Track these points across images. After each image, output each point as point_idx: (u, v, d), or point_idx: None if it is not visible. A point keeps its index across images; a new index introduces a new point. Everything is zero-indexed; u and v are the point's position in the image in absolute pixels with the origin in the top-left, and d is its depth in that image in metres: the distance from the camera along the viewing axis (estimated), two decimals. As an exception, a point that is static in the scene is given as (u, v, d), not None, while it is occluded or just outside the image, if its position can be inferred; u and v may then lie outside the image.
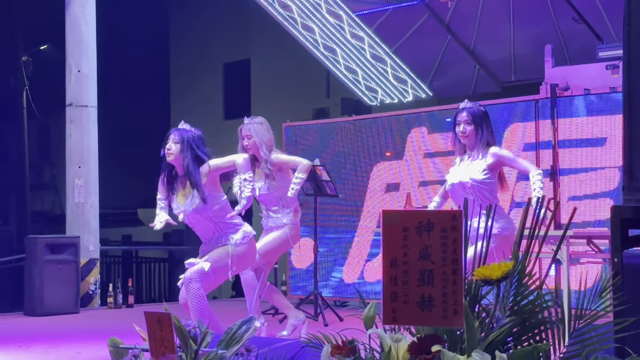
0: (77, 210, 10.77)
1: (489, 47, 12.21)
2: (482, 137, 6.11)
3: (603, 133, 8.37)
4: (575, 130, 8.54)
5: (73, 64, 10.87)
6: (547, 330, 2.80)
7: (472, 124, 6.10)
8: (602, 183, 8.44)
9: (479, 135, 6.10)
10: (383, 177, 10.25)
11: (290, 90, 15.34)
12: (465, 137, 6.12)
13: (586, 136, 8.49)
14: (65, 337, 7.92)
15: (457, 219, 2.70)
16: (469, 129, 6.10)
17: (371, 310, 2.91)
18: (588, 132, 8.46)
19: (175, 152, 5.98)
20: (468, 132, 6.10)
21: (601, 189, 8.43)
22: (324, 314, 8.44)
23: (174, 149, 5.98)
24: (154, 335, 3.41)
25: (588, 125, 8.46)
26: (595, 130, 8.42)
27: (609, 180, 8.39)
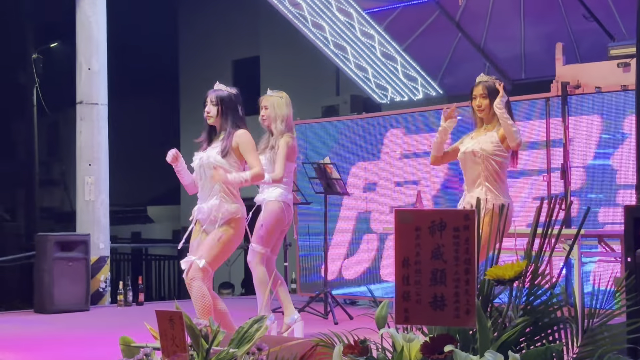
0: (87, 208, 10.78)
1: (500, 44, 12.18)
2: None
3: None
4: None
5: (83, 62, 10.88)
6: (560, 330, 2.79)
7: (487, 98, 6.20)
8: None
9: (492, 109, 6.18)
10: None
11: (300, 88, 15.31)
12: (482, 111, 6.24)
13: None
14: (75, 335, 7.93)
15: (469, 218, 2.69)
16: (485, 103, 6.21)
17: (383, 310, 2.90)
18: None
19: (214, 115, 6.07)
20: (484, 105, 6.22)
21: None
22: (334, 312, 8.43)
23: (213, 111, 6.07)
24: (165, 333, 3.40)
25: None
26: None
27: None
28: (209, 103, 6.09)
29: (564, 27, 11.30)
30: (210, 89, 6.18)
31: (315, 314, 8.58)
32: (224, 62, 18.49)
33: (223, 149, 5.97)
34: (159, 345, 3.48)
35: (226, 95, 6.08)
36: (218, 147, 6.02)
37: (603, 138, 8.42)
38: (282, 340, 3.84)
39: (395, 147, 10.14)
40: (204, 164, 6.02)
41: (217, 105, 6.05)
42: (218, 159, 5.97)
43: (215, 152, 6.01)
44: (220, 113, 6.05)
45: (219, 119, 6.07)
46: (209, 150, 6.06)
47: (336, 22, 12.02)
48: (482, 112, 6.23)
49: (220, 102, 6.05)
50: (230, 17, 17.79)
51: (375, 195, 10.28)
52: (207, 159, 6.00)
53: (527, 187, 8.82)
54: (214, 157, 5.98)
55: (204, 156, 6.03)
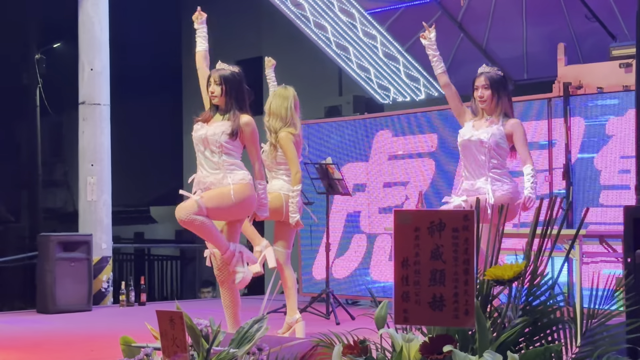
0: (90, 208, 10.80)
1: (502, 45, 12.18)
2: (499, 102, 6.28)
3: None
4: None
5: (86, 62, 10.90)
6: (559, 331, 2.79)
7: (489, 89, 6.26)
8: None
9: (496, 100, 6.27)
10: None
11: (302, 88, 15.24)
12: (484, 102, 6.29)
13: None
14: (77, 335, 7.94)
15: (469, 219, 2.70)
16: (487, 94, 6.26)
17: (382, 310, 2.91)
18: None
19: (218, 94, 6.12)
20: (486, 96, 6.27)
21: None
22: (335, 312, 8.44)
23: (217, 91, 6.12)
24: (166, 333, 3.41)
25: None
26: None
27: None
28: (212, 83, 6.14)
29: (566, 27, 11.30)
30: (213, 69, 6.24)
31: (317, 314, 8.59)
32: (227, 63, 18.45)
33: (233, 132, 6.00)
34: (159, 346, 3.49)
35: (229, 74, 6.15)
36: (224, 126, 6.03)
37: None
38: (283, 341, 3.85)
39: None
40: (208, 138, 6.03)
41: (220, 85, 6.10)
42: (224, 139, 5.99)
43: (220, 131, 6.01)
44: (225, 92, 6.10)
45: (223, 98, 6.10)
46: (214, 126, 6.06)
47: (338, 23, 12.02)
48: (484, 102, 6.28)
49: (224, 81, 6.10)
50: (233, 18, 17.79)
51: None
52: (213, 135, 6.02)
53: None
54: (219, 137, 5.99)
55: (209, 130, 6.05)
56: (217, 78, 6.13)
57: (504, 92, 6.32)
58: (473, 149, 6.25)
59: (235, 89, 6.12)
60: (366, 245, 10.36)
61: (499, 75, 6.33)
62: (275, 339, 3.88)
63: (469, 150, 6.28)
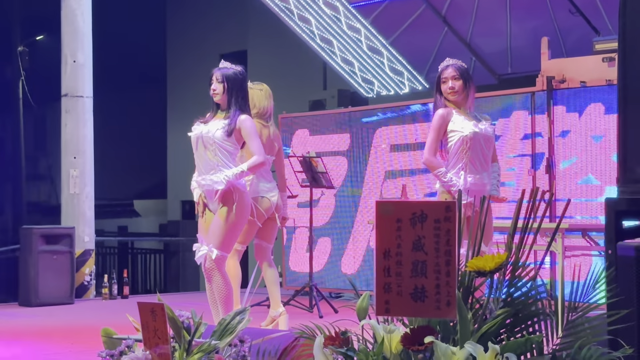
0: (72, 201, 10.76)
1: (486, 39, 12.19)
2: (470, 93, 6.05)
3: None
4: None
5: (69, 54, 10.85)
6: (540, 322, 2.80)
7: (460, 79, 5.99)
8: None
9: (467, 91, 6.02)
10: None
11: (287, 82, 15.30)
12: (455, 93, 5.99)
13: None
14: (59, 328, 7.92)
15: (450, 210, 2.70)
16: (458, 84, 5.98)
17: (364, 302, 2.90)
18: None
19: (220, 92, 6.11)
20: (457, 87, 5.98)
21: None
22: (319, 305, 8.44)
23: (219, 89, 6.11)
24: (147, 325, 3.40)
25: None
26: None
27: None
28: (214, 81, 6.14)
29: (550, 21, 11.32)
30: (216, 67, 6.22)
31: (300, 308, 8.60)
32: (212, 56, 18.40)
33: (229, 129, 6.00)
34: (141, 337, 3.48)
35: (231, 72, 6.14)
36: (221, 125, 6.03)
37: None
38: (265, 333, 3.85)
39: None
40: (204, 137, 6.03)
41: (222, 83, 6.09)
42: (218, 136, 5.98)
43: (215, 128, 6.01)
44: (226, 90, 6.09)
45: (224, 96, 6.10)
46: (211, 125, 6.07)
47: (322, 16, 12.01)
48: (455, 94, 5.99)
49: (226, 80, 6.10)
50: (218, 11, 17.75)
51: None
52: (207, 133, 6.02)
53: (513, 181, 8.85)
54: (214, 134, 5.99)
55: (205, 130, 6.05)
56: (219, 76, 6.13)
57: (472, 83, 6.10)
58: (482, 142, 6.01)
59: (237, 87, 6.13)
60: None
61: (465, 66, 6.13)
62: (257, 331, 3.87)
63: (477, 144, 5.99)
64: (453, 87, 5.98)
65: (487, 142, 6.06)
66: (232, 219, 5.97)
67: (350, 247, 10.43)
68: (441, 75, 6.04)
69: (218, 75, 6.14)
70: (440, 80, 6.05)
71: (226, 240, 6.00)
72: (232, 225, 5.99)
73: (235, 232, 6.07)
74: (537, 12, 11.33)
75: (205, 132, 6.04)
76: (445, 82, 6.02)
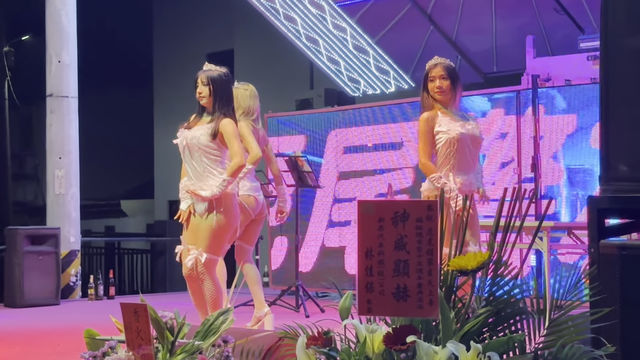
0: (58, 202, 10.72)
1: (471, 38, 12.21)
2: (457, 93, 5.98)
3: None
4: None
5: (53, 54, 10.81)
6: (523, 321, 2.79)
7: (448, 79, 5.91)
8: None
9: (454, 91, 5.95)
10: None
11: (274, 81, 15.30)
12: (442, 93, 5.91)
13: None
14: (44, 329, 7.89)
15: (432, 209, 2.69)
16: (446, 84, 5.90)
17: (347, 301, 2.89)
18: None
19: (206, 95, 6.09)
20: (445, 86, 5.89)
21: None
22: (305, 305, 8.44)
23: (205, 92, 6.09)
24: (130, 326, 3.38)
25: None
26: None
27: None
28: (200, 84, 6.11)
29: (535, 20, 11.35)
30: (201, 70, 6.20)
31: (286, 307, 8.59)
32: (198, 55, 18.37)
33: (213, 132, 5.98)
34: (124, 338, 3.47)
35: (216, 75, 6.11)
36: (204, 129, 6.01)
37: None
38: (248, 333, 3.83)
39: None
40: (189, 144, 6.01)
41: (208, 85, 6.07)
42: (203, 141, 5.96)
43: (200, 133, 5.99)
44: (212, 93, 6.06)
45: (211, 99, 6.08)
46: (195, 130, 6.04)
47: (308, 15, 12.00)
48: (442, 93, 5.91)
49: (211, 82, 6.07)
50: (204, 10, 17.73)
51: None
52: (192, 139, 5.99)
53: (499, 179, 8.87)
54: (198, 140, 5.97)
55: (189, 136, 6.03)
56: (204, 79, 6.10)
57: (459, 83, 6.01)
58: (470, 144, 5.96)
59: (222, 89, 6.09)
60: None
61: (453, 65, 6.04)
62: (241, 332, 3.86)
63: (465, 144, 5.93)
64: (440, 86, 5.91)
65: (474, 142, 6.02)
66: (221, 223, 5.96)
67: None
68: (429, 74, 5.96)
69: (203, 77, 6.11)
70: (428, 79, 5.97)
71: (215, 243, 5.98)
72: (220, 228, 5.97)
73: (224, 234, 6.05)
74: (523, 11, 11.37)
75: (189, 138, 6.02)
76: (432, 81, 5.94)
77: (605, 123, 3.18)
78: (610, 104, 3.17)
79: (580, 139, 8.41)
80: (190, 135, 6.02)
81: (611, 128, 3.16)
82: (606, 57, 3.18)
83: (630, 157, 3.10)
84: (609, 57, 3.15)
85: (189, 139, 6.01)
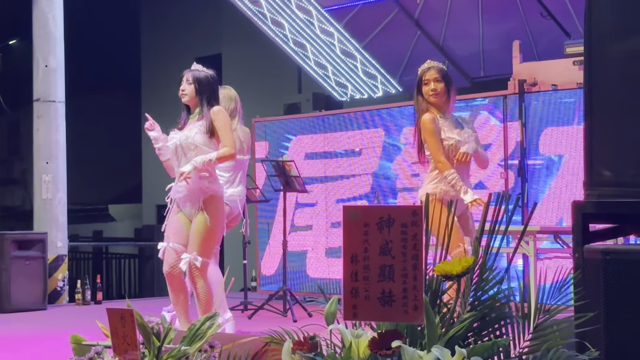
0: (45, 206, 10.70)
1: (458, 42, 12.25)
2: (451, 96, 5.97)
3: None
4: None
5: (40, 59, 10.78)
6: (508, 325, 2.81)
7: (442, 82, 5.92)
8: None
9: (448, 94, 5.94)
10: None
11: (262, 86, 15.30)
12: (437, 95, 5.90)
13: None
14: (32, 334, 7.86)
15: (417, 214, 2.70)
16: (441, 87, 5.91)
17: (332, 306, 2.90)
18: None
19: (189, 93, 6.08)
20: (440, 89, 5.90)
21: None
22: (292, 309, 8.43)
23: (188, 90, 6.08)
24: (116, 331, 3.38)
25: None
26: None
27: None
28: (184, 82, 6.11)
29: (521, 25, 11.39)
30: (187, 69, 6.20)
31: (274, 312, 8.59)
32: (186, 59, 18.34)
33: (207, 128, 5.96)
34: (110, 344, 3.47)
35: (203, 75, 6.12)
36: (197, 127, 6.00)
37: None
38: (235, 338, 3.84)
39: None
40: (182, 144, 6.01)
41: (192, 84, 6.07)
42: (197, 139, 5.96)
43: (193, 132, 5.99)
44: (196, 92, 6.06)
45: (194, 98, 6.07)
46: (186, 130, 6.04)
47: (296, 20, 12.01)
48: (437, 96, 5.90)
49: (197, 82, 6.07)
50: (192, 14, 17.72)
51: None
52: (186, 139, 5.99)
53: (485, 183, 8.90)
54: (193, 138, 5.97)
55: (182, 136, 6.02)
56: (189, 77, 6.11)
57: (453, 86, 6.03)
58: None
59: (207, 90, 6.08)
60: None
61: (446, 69, 6.06)
62: (227, 337, 3.87)
63: (463, 160, 5.90)
64: (435, 89, 5.90)
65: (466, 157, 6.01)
66: (211, 225, 5.97)
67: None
68: (423, 77, 5.95)
69: (189, 76, 6.12)
70: (422, 82, 5.96)
71: (206, 246, 5.99)
72: (211, 231, 5.99)
73: (215, 237, 6.07)
74: (509, 15, 11.41)
75: (183, 138, 6.01)
76: (427, 84, 5.93)
77: (589, 129, 3.20)
78: (594, 109, 3.19)
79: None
80: (184, 136, 6.01)
81: (595, 133, 3.18)
82: (590, 62, 3.19)
83: (614, 162, 3.12)
84: (593, 62, 3.17)
85: (184, 139, 6.01)
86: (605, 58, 3.16)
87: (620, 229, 3.33)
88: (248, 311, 8.81)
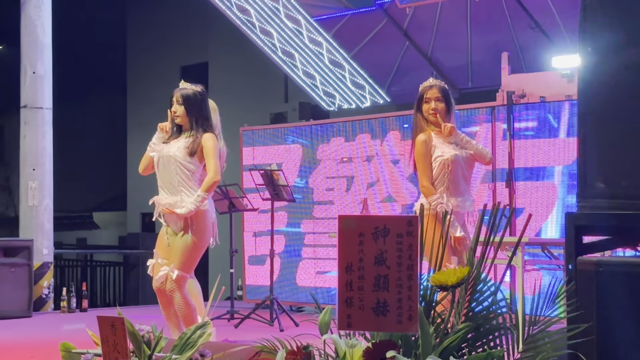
0: (31, 213, 10.65)
1: (447, 53, 12.28)
2: (451, 117, 5.92)
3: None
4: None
5: (28, 65, 10.75)
6: (502, 336, 2.81)
7: (443, 101, 5.86)
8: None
9: (448, 114, 5.89)
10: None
11: (249, 94, 15.31)
12: (436, 115, 5.85)
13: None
14: (17, 342, 7.82)
15: (412, 224, 2.70)
16: (442, 106, 5.85)
17: (326, 316, 2.90)
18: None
19: (181, 114, 6.15)
20: (440, 108, 5.85)
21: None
22: (279, 319, 8.41)
23: (179, 111, 6.15)
24: (107, 339, 3.37)
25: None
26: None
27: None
28: (175, 103, 6.17)
29: (510, 36, 11.43)
30: (177, 88, 6.23)
31: (261, 321, 8.57)
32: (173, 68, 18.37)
33: (191, 148, 6.04)
34: (100, 352, 3.45)
35: (191, 93, 6.17)
36: (182, 144, 6.05)
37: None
38: (226, 347, 3.82)
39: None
40: (164, 158, 6.06)
41: (182, 105, 6.11)
42: (180, 155, 6.01)
43: (175, 148, 6.04)
44: (186, 112, 6.10)
45: (185, 118, 6.13)
46: (172, 144, 6.09)
47: (284, 29, 12.02)
48: (436, 116, 5.85)
49: (185, 101, 6.11)
50: (180, 23, 17.71)
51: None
52: (168, 153, 6.04)
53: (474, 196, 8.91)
54: (175, 154, 6.02)
55: (165, 150, 6.07)
56: (179, 97, 6.17)
57: (453, 106, 5.97)
58: (462, 164, 5.89)
59: (197, 108, 6.16)
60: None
61: (447, 88, 6.00)
62: (218, 345, 3.85)
63: (458, 166, 5.86)
64: (436, 108, 5.86)
65: (468, 163, 5.96)
66: (195, 241, 6.01)
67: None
68: (424, 95, 5.90)
69: (178, 96, 6.18)
70: (423, 100, 5.91)
71: (188, 261, 6.04)
72: (194, 247, 6.02)
73: (198, 253, 6.11)
74: (498, 27, 11.45)
75: (166, 151, 6.07)
76: (427, 102, 5.88)
77: (582, 141, 3.21)
78: (588, 122, 3.19)
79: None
80: (167, 149, 6.07)
81: (588, 145, 3.19)
82: (584, 75, 3.21)
83: (607, 174, 3.12)
84: (587, 75, 3.18)
85: (166, 152, 6.06)
86: (598, 71, 3.18)
87: (613, 241, 3.33)
88: (235, 320, 8.78)
